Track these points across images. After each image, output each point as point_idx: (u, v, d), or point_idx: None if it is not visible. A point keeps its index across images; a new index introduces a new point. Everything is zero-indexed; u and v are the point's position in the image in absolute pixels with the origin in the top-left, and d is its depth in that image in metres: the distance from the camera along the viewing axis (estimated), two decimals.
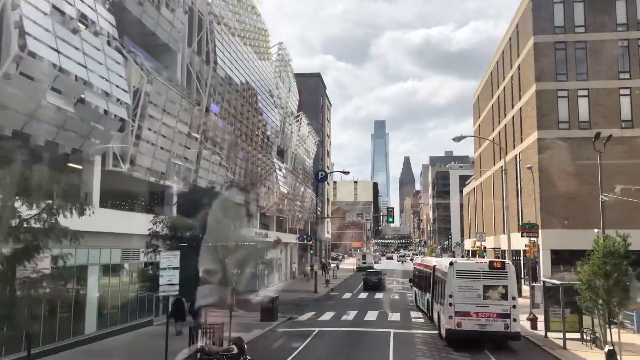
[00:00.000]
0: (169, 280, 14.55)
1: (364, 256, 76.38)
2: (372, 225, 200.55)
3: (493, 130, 58.24)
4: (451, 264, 20.50)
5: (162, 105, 22.22)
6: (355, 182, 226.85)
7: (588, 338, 19.32)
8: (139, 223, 19.94)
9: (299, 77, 74.37)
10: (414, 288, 33.99)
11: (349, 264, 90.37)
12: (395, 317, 27.88)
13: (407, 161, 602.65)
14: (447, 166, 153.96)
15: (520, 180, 46.46)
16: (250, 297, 30.46)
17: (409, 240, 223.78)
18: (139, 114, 20.58)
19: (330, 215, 70.82)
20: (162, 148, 22.72)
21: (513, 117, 48.78)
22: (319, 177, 48.17)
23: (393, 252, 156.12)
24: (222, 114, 30.21)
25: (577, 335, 20.19)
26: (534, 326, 23.47)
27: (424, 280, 28.54)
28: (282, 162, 49.02)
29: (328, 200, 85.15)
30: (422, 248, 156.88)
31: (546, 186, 40.21)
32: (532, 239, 26.74)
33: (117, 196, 22.96)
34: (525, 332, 23.04)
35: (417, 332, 23.15)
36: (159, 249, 17.84)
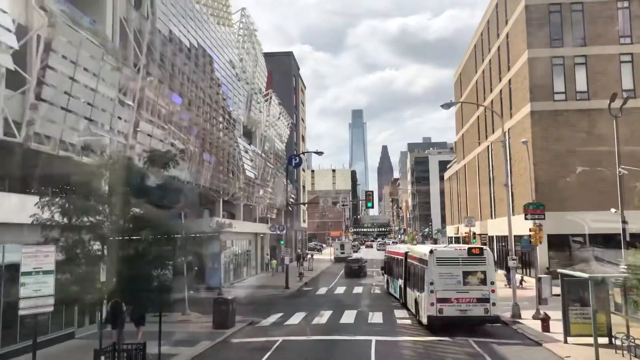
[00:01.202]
0: (37, 291, 9.75)
1: (342, 246, 72.02)
2: (350, 214, 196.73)
3: (477, 108, 54.12)
4: (431, 251, 20.62)
5: (74, 59, 17.22)
6: (334, 171, 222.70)
7: (623, 344, 15.07)
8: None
9: (269, 56, 69.43)
10: (385, 275, 34.45)
11: (328, 254, 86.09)
12: (376, 318, 23.45)
13: (384, 150, 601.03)
14: (426, 152, 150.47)
15: (510, 159, 42.40)
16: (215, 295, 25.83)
17: (388, 229, 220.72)
18: (37, 65, 15.58)
19: (302, 202, 66.24)
20: (79, 115, 17.75)
21: (501, 90, 44.62)
22: (293, 162, 43.44)
23: (372, 241, 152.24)
24: (166, 78, 25.22)
25: (604, 340, 16.02)
26: (545, 328, 19.25)
27: (396, 267, 29.26)
28: (250, 144, 44.18)
29: (304, 187, 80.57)
30: (402, 236, 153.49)
31: (540, 164, 36.16)
32: (538, 221, 22.52)
33: (29, 178, 18.02)
34: (534, 335, 18.82)
35: (405, 340, 18.71)
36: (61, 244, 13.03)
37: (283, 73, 70.20)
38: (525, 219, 23.09)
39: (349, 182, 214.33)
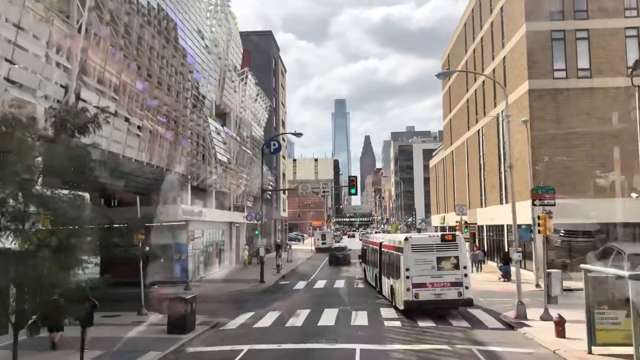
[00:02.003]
0: None
1: (323, 236, 68.85)
2: (333, 203, 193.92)
3: (467, 90, 51.13)
4: (406, 239, 21.29)
5: None
6: (316, 160, 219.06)
7: None
8: None
9: (247, 35, 65.62)
10: (363, 264, 34.93)
11: (309, 244, 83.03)
12: (360, 319, 20.28)
13: (367, 140, 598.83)
14: (410, 140, 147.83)
15: (503, 143, 39.48)
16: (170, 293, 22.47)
17: (371, 218, 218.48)
18: None
19: (279, 189, 62.85)
20: None
21: (494, 70, 41.60)
22: (272, 147, 39.98)
23: (355, 231, 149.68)
24: (117, 41, 21.57)
25: (629, 351, 13.00)
26: (560, 333, 16.21)
27: (372, 256, 29.81)
28: (223, 126, 40.61)
29: (284, 175, 77.17)
30: (385, 225, 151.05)
31: (539, 147, 33.24)
32: (548, 207, 19.51)
33: None
34: (549, 343, 15.78)
35: (396, 350, 15.53)
36: None
37: (261, 53, 66.48)
38: (533, 204, 20.10)
39: (332, 171, 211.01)
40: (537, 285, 29.31)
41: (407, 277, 20.41)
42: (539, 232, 19.54)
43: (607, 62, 33.19)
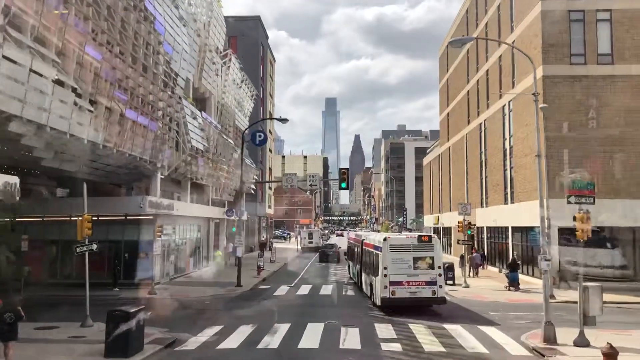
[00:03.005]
0: None
1: (310, 234, 65.02)
2: (321, 202, 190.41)
3: (468, 81, 47.55)
4: (385, 239, 21.99)
5: None
6: (305, 157, 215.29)
7: None
8: None
9: (233, 20, 61.63)
10: (348, 261, 35.35)
11: (296, 243, 79.24)
12: (352, 339, 16.46)
13: (357, 139, 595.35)
14: (401, 139, 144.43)
15: (510, 137, 35.91)
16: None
17: (359, 218, 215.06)
18: None
19: (261, 181, 58.88)
20: None
21: (500, 57, 38.01)
22: (257, 138, 35.99)
23: (343, 230, 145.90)
24: None
25: None
26: None
27: (355, 253, 30.37)
28: (201, 112, 36.62)
29: (270, 170, 73.21)
30: (374, 225, 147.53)
31: (553, 140, 29.66)
32: (585, 206, 15.82)
33: None
34: None
35: None
36: None
37: (248, 39, 62.54)
38: (568, 202, 16.29)
39: (321, 169, 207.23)
40: (552, 297, 25.72)
41: (385, 275, 21.27)
42: (576, 236, 15.79)
43: (631, 47, 29.73)
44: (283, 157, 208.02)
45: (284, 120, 32.69)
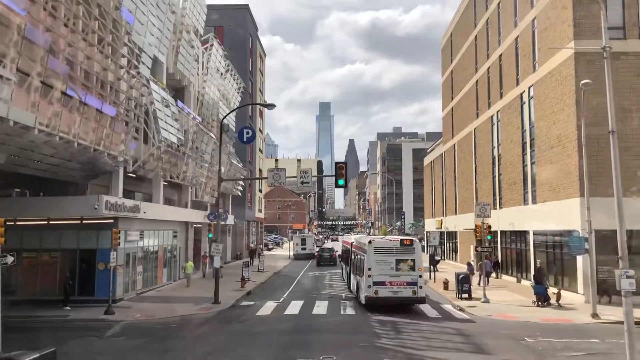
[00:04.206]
0: None
1: (303, 240, 60.12)
2: (315, 205, 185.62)
3: (477, 70, 43.07)
4: (370, 242, 23.22)
5: None
6: (299, 161, 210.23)
7: None
8: None
9: (219, 9, 57.12)
10: (342, 263, 36.42)
11: (288, 249, 74.46)
12: None
13: (351, 144, 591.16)
14: (398, 140, 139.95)
15: (531, 127, 31.36)
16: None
17: (355, 222, 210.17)
18: None
19: (242, 177, 54.01)
20: None
21: (517, 38, 33.53)
22: (244, 135, 31.19)
23: (338, 234, 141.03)
24: None
25: None
26: None
27: (346, 255, 32.20)
28: (176, 100, 31.89)
29: (260, 171, 68.44)
30: (370, 230, 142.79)
31: (589, 128, 25.09)
32: None
33: None
34: None
35: None
36: None
37: (236, 30, 57.87)
38: None
39: (315, 173, 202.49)
40: (594, 315, 21.13)
41: (369, 276, 22.52)
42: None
43: None
44: (276, 160, 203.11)
45: (270, 106, 28.02)
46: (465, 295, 26.79)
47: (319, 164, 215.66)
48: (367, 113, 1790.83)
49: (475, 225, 27.11)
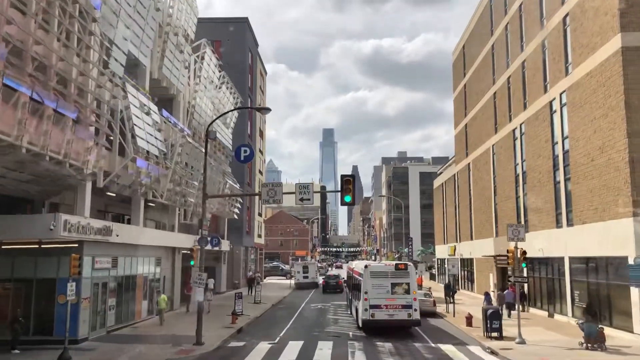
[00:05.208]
0: None
1: (305, 268, 55.76)
2: (319, 232, 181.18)
3: (495, 81, 39.45)
4: (366, 266, 24.22)
5: None
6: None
7: None
8: None
9: (217, 22, 54.19)
10: (346, 289, 37.26)
11: (280, 278, 70.00)
12: None
13: (355, 170, 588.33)
14: (403, 164, 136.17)
15: (564, 139, 27.46)
16: None
17: (359, 249, 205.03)
18: None
19: (248, 205, 50.11)
20: None
21: (545, 40, 29.94)
22: (242, 153, 27.30)
23: (342, 262, 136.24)
24: None
25: None
26: None
27: (348, 281, 33.02)
28: (160, 109, 28.27)
29: (260, 194, 64.40)
30: (376, 256, 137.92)
31: (638, 136, 21.27)
32: None
33: None
34: None
35: None
36: None
37: (235, 45, 54.70)
38: None
39: (319, 198, 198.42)
40: None
41: (366, 299, 23.19)
42: None
43: None
44: (279, 184, 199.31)
45: (265, 110, 24.33)
46: (495, 334, 22.58)
47: (323, 189, 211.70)
48: (370, 140, 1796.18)
49: (507, 251, 22.98)
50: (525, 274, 26.64)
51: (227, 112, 35.29)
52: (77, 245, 20.55)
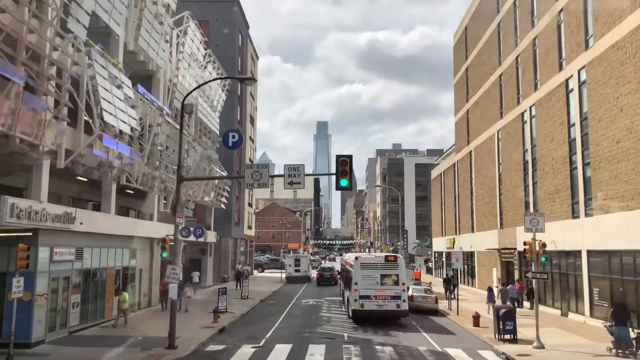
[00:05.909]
0: None
1: (297, 261, 53.11)
2: (312, 224, 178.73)
3: (500, 62, 36.81)
4: (356, 258, 24.76)
5: None
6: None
7: None
8: None
9: (204, 1, 51.13)
10: (340, 281, 36.75)
11: (280, 271, 67.38)
12: None
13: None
14: (398, 156, 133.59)
15: (582, 120, 24.86)
16: None
17: (352, 242, 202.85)
18: None
19: (237, 194, 47.32)
20: None
21: (561, 11, 27.28)
22: (230, 139, 24.41)
23: (336, 255, 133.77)
24: None
25: None
26: None
27: (341, 272, 34.60)
28: (135, 84, 25.40)
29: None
30: (369, 249, 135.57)
31: None
32: None
33: None
34: None
35: None
36: None
37: (224, 26, 51.70)
38: None
39: (312, 191, 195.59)
40: None
41: (356, 290, 23.81)
42: None
43: None
44: (272, 176, 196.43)
45: (249, 80, 21.57)
46: (509, 337, 20.10)
47: (316, 183, 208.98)
48: (365, 133, 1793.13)
49: (524, 243, 20.38)
50: (543, 269, 24.10)
51: (209, 81, 32.32)
52: (31, 234, 17.78)
